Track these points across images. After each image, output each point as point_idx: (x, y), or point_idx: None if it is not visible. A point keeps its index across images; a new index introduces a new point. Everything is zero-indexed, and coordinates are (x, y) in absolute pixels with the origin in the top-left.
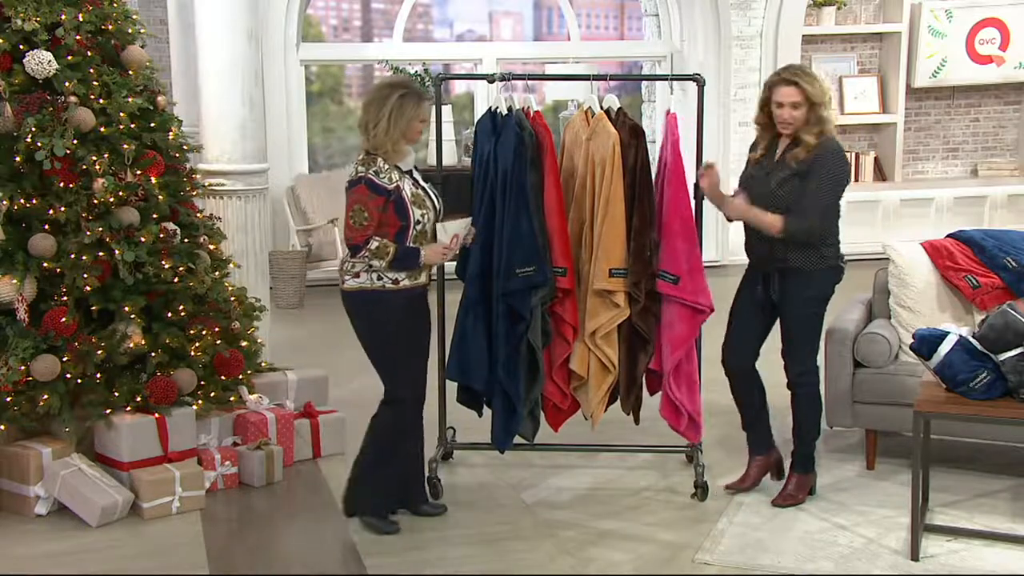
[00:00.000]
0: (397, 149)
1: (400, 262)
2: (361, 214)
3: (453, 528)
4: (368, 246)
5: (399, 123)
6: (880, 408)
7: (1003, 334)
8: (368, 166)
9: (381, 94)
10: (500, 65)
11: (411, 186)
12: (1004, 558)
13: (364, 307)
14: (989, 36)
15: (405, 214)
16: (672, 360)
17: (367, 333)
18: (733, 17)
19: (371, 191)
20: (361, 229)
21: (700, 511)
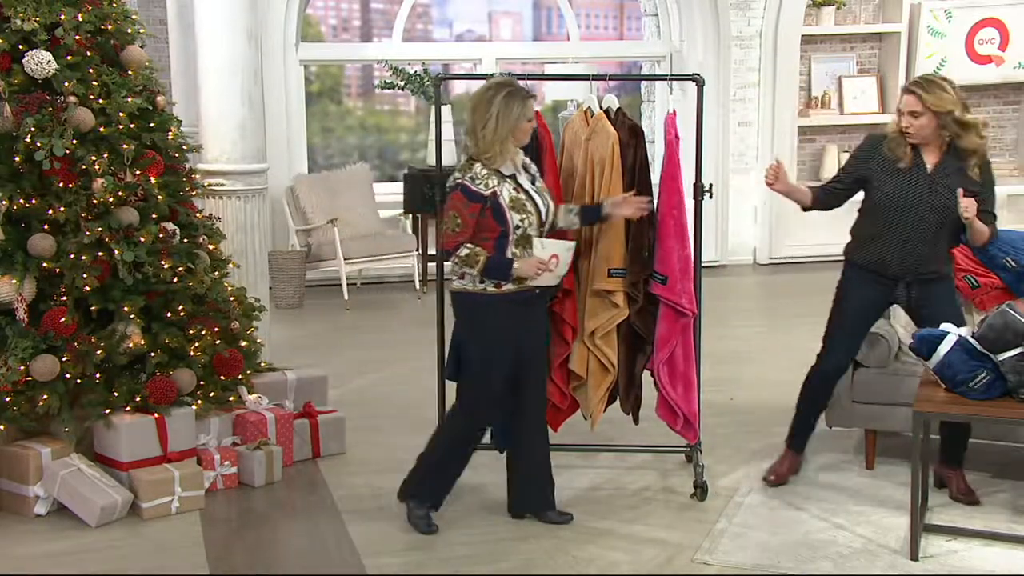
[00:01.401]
0: (505, 150)
1: (490, 272)
2: (455, 220)
3: (452, 528)
4: (458, 253)
5: (506, 123)
6: (880, 408)
7: (1002, 334)
8: (465, 172)
9: (486, 96)
10: (499, 65)
11: (511, 190)
12: (1003, 558)
13: (464, 309)
14: (988, 36)
15: (503, 219)
16: (658, 359)
17: (466, 335)
18: (732, 17)
19: (466, 198)
20: (453, 235)
21: (699, 511)
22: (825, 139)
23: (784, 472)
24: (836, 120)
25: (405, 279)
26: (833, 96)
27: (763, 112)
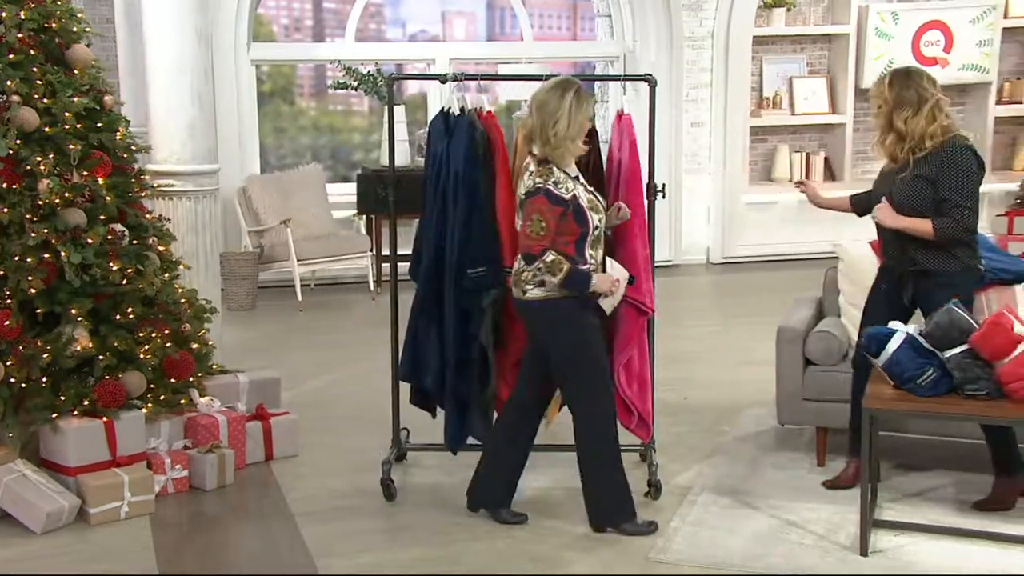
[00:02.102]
0: (574, 148)
1: (572, 281)
2: (539, 224)
3: (405, 529)
4: (543, 257)
5: (577, 119)
6: (830, 405)
7: (948, 332)
8: (546, 177)
9: (556, 93)
10: (453, 65)
11: (584, 192)
12: (950, 551)
13: (551, 316)
14: (934, 38)
15: (584, 221)
16: (619, 360)
17: (559, 342)
18: (684, 18)
19: (550, 202)
20: (538, 239)
21: (653, 509)
22: (777, 139)
23: (847, 477)
24: (787, 120)
25: (359, 280)
26: (784, 96)
27: (715, 112)
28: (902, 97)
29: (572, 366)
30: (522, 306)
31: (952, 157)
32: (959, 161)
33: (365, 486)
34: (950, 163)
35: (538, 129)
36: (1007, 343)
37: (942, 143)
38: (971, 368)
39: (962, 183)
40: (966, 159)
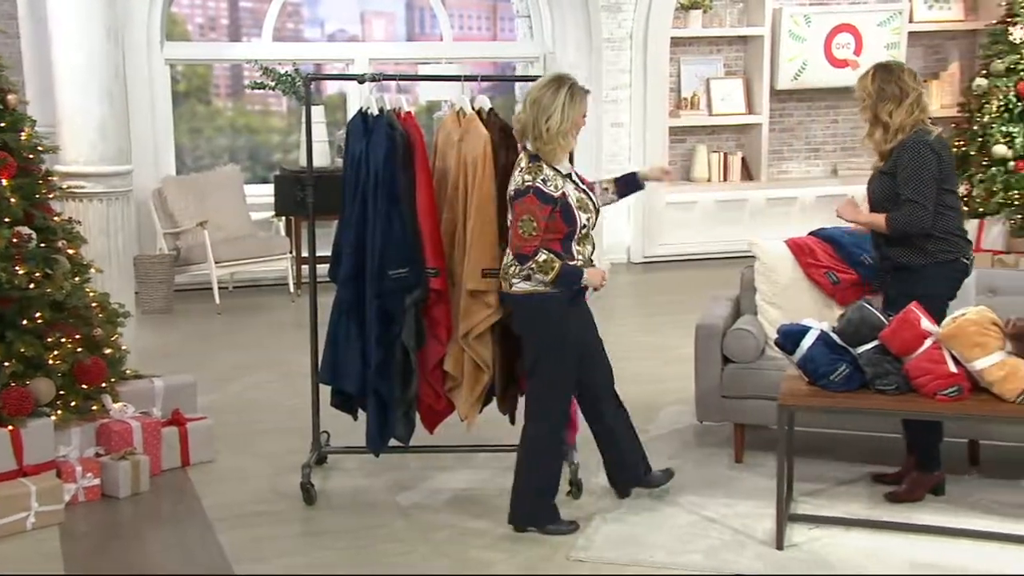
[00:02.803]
0: (566, 144)
1: (563, 279)
2: (530, 224)
3: (326, 533)
4: (536, 258)
5: (571, 115)
6: (748, 402)
7: (859, 328)
8: (535, 174)
9: (550, 89)
10: (372, 65)
11: (574, 190)
12: (862, 542)
13: (533, 311)
14: (844, 41)
15: (572, 219)
16: None
17: (536, 338)
18: (603, 19)
19: (540, 200)
20: (530, 239)
21: (574, 509)
22: (695, 139)
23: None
24: (705, 121)
25: (279, 282)
26: (702, 97)
27: (635, 113)
28: (884, 91)
29: (542, 363)
30: (509, 299)
31: (908, 152)
32: (914, 156)
33: (285, 490)
34: (905, 158)
35: (531, 124)
36: (914, 339)
37: (905, 138)
38: (881, 364)
39: (914, 178)
40: (921, 154)
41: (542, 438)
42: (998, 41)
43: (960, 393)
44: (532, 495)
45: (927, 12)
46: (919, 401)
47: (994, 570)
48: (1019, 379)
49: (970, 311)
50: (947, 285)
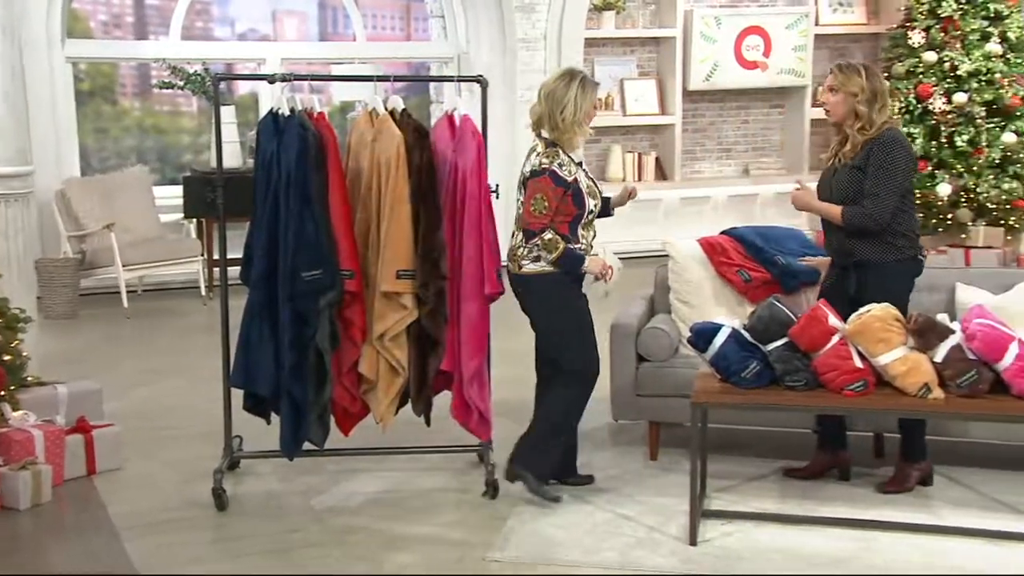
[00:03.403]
0: (581, 133)
1: (566, 261)
2: (542, 203)
3: (239, 539)
4: (542, 235)
5: (583, 106)
6: (662, 400)
7: (769, 325)
8: (552, 158)
9: (563, 81)
10: (284, 65)
11: (584, 177)
12: (773, 536)
13: (545, 289)
14: (754, 43)
15: (581, 203)
16: (477, 362)
17: (546, 314)
18: (517, 19)
19: (554, 182)
20: (540, 217)
21: (491, 509)
22: (610, 139)
23: (812, 468)
24: (619, 121)
25: (190, 285)
26: (616, 98)
27: None
28: (876, 89)
29: (558, 331)
30: (518, 280)
31: (883, 147)
32: (889, 153)
33: (196, 497)
34: (879, 153)
35: (546, 115)
36: (822, 335)
37: (878, 133)
38: (790, 360)
39: (886, 175)
40: (897, 152)
41: (572, 398)
42: (898, 45)
43: (866, 388)
44: (540, 450)
45: (832, 15)
46: (827, 396)
47: (906, 559)
48: (921, 373)
49: (874, 308)
50: (910, 282)
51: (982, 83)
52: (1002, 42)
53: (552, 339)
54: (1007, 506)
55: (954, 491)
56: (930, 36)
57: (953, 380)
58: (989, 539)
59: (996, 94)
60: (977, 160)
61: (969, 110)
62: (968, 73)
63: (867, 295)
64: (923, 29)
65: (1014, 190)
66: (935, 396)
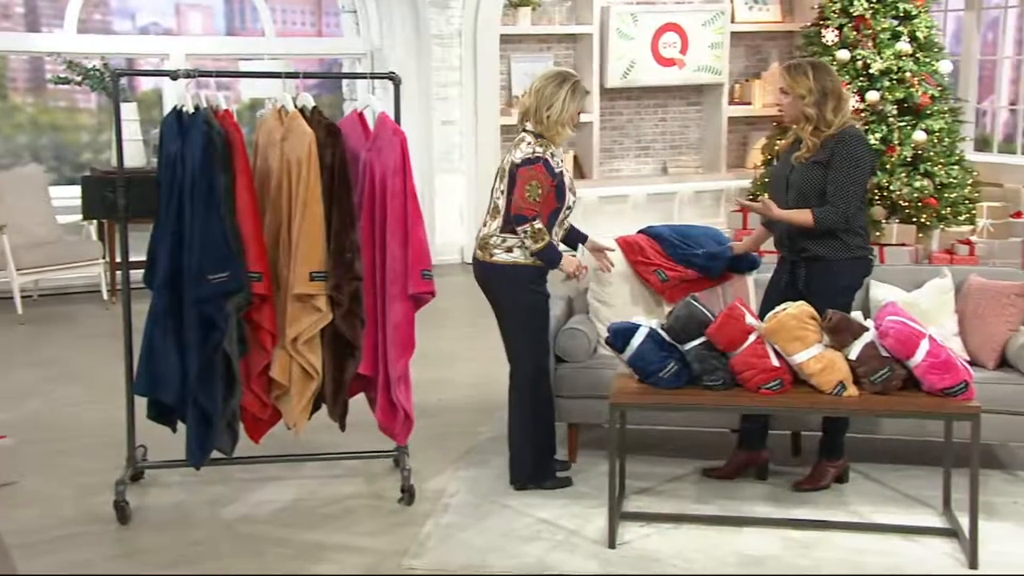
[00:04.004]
0: (564, 134)
1: (545, 254)
2: (536, 190)
3: (143, 553)
4: (533, 222)
5: (570, 108)
6: (581, 402)
7: (687, 325)
8: (545, 148)
9: (554, 82)
10: (189, 61)
11: (567, 173)
12: (690, 537)
13: (515, 280)
14: (671, 40)
15: (563, 197)
16: (405, 363)
17: (512, 307)
18: (431, 15)
19: (548, 171)
20: (534, 204)
21: (407, 515)
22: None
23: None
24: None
25: (90, 289)
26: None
27: (466, 111)
28: (826, 88)
29: (521, 325)
30: (487, 268)
31: (846, 144)
32: (853, 151)
33: (97, 511)
34: (843, 150)
35: (532, 110)
36: (739, 334)
37: (839, 130)
38: (708, 360)
39: (850, 172)
40: (860, 150)
41: (530, 398)
42: (812, 43)
43: (782, 386)
44: (530, 453)
45: (747, 13)
46: (744, 395)
47: (823, 557)
48: (836, 371)
49: (790, 306)
50: (861, 279)
51: (893, 81)
52: (911, 41)
53: (510, 333)
54: (920, 502)
55: (869, 488)
56: (843, 34)
57: (867, 377)
58: (904, 535)
59: (907, 92)
60: (890, 158)
61: (881, 108)
62: (880, 71)
63: (816, 291)
64: (836, 27)
65: (925, 188)
66: (849, 393)
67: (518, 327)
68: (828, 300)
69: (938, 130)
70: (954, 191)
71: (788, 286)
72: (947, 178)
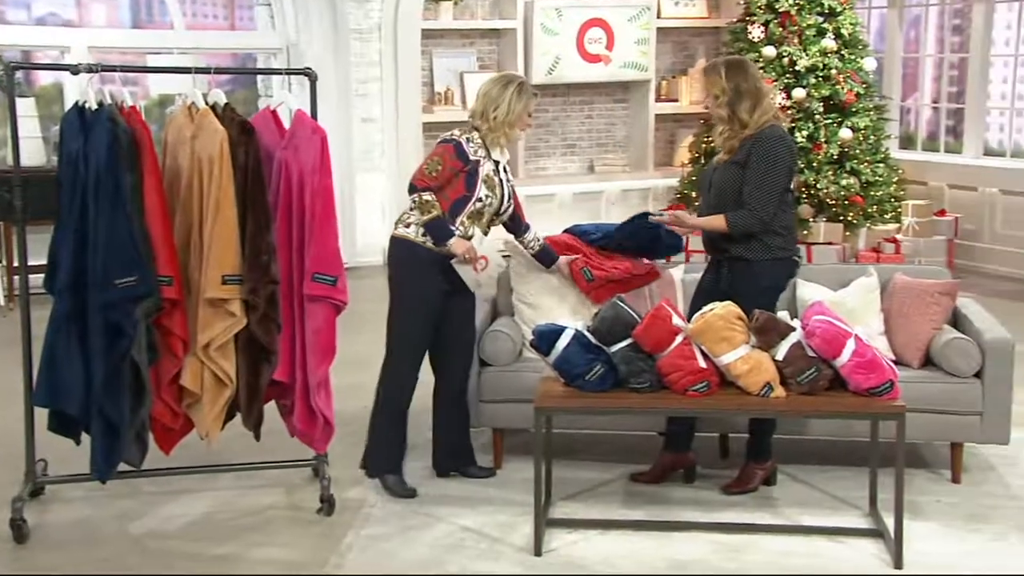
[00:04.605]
0: (509, 135)
1: (433, 228)
2: (435, 165)
3: (43, 572)
4: (422, 193)
5: (516, 108)
6: (507, 406)
7: (613, 326)
8: (467, 135)
9: (500, 83)
10: (92, 54)
11: (491, 169)
12: (617, 543)
13: (400, 253)
14: (596, 36)
15: (473, 186)
16: (325, 369)
17: (394, 279)
18: (350, 9)
19: (455, 152)
20: (427, 177)
21: (327, 526)
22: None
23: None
24: (460, 116)
25: None
26: (456, 92)
27: (387, 108)
28: (740, 88)
29: (395, 312)
30: (389, 242)
31: (764, 146)
32: (769, 151)
33: None
34: (759, 150)
35: (479, 112)
36: (666, 335)
37: (758, 130)
38: (635, 362)
39: (766, 174)
40: (777, 150)
41: (384, 394)
42: (739, 39)
43: (709, 388)
44: (375, 445)
45: (674, 9)
46: (671, 398)
47: (751, 560)
48: (763, 372)
49: (717, 307)
50: (784, 279)
51: (819, 79)
52: (837, 38)
53: (392, 310)
54: (847, 503)
55: (796, 489)
56: (769, 31)
57: (793, 378)
58: (830, 536)
59: (832, 90)
60: (816, 156)
61: (808, 106)
62: (806, 68)
63: (738, 291)
64: (762, 24)
65: (851, 186)
66: (777, 394)
67: (394, 308)
68: (751, 301)
69: (864, 128)
70: (880, 189)
71: (712, 285)
72: (873, 176)
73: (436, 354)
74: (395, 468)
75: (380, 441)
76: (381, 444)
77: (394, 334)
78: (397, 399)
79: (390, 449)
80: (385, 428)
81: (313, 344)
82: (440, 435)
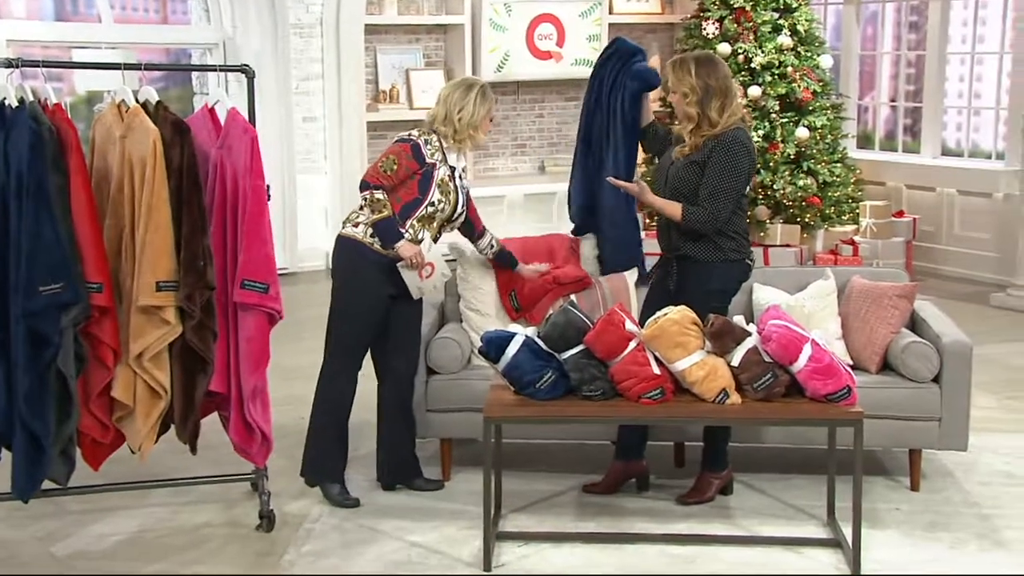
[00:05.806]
0: (473, 139)
1: (381, 228)
2: (390, 164)
3: None
4: (374, 190)
5: (480, 112)
6: (455, 415)
7: (565, 332)
8: (425, 137)
9: (460, 86)
10: (11, 48)
11: (446, 174)
12: (570, 557)
13: (346, 253)
14: (547, 32)
15: (426, 190)
16: (258, 377)
17: (338, 279)
18: (290, 3)
19: (412, 154)
20: (381, 175)
21: (267, 543)
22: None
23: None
24: (406, 115)
25: None
26: (401, 90)
27: (329, 106)
28: (709, 87)
29: (335, 314)
30: (336, 242)
31: (725, 148)
32: (730, 154)
33: None
34: (720, 153)
35: (442, 117)
36: (619, 341)
37: (723, 131)
38: (587, 368)
39: (725, 177)
40: (738, 154)
41: (323, 398)
42: (693, 35)
43: (663, 395)
44: (316, 453)
45: (626, 4)
46: (625, 406)
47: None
48: (718, 378)
49: (671, 311)
50: (736, 283)
51: (775, 76)
52: (792, 35)
53: (333, 311)
54: (804, 512)
55: (753, 499)
56: (724, 27)
57: (750, 384)
58: (788, 547)
59: (788, 88)
60: (773, 156)
61: (764, 104)
62: (761, 66)
63: (686, 291)
64: (716, 20)
65: (808, 186)
66: (732, 401)
67: (336, 309)
68: (698, 302)
69: (820, 127)
70: (837, 190)
71: (660, 283)
72: (830, 176)
73: (380, 360)
74: (337, 477)
75: (320, 448)
76: (321, 451)
77: (334, 336)
78: (337, 403)
79: (331, 457)
80: (325, 434)
81: (246, 353)
82: (385, 446)
